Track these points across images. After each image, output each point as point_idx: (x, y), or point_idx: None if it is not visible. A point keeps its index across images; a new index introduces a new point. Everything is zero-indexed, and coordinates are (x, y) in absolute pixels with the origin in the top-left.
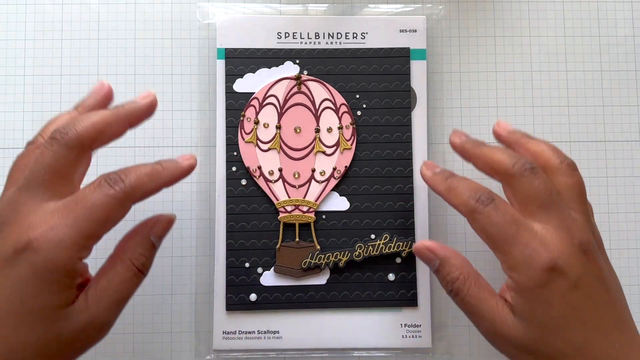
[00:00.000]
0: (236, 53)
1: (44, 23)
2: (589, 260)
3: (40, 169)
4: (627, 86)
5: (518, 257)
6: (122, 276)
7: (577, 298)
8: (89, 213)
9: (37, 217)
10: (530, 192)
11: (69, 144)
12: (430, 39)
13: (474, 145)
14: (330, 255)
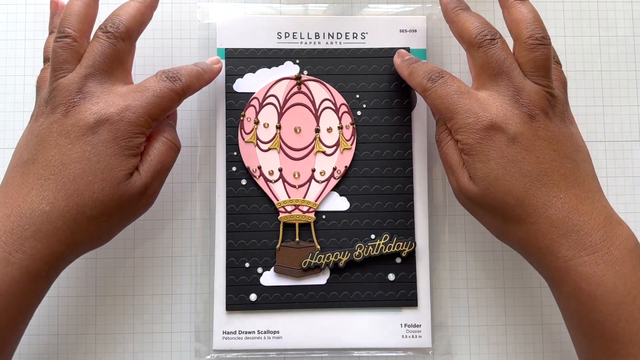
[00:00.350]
0: (236, 53)
1: (44, 23)
2: (534, 122)
3: (103, 59)
4: (627, 86)
5: (460, 121)
6: (160, 150)
7: (516, 152)
8: (157, 100)
9: (112, 97)
10: (484, 61)
11: (123, 36)
12: (430, 39)
13: (454, 8)
14: (330, 255)
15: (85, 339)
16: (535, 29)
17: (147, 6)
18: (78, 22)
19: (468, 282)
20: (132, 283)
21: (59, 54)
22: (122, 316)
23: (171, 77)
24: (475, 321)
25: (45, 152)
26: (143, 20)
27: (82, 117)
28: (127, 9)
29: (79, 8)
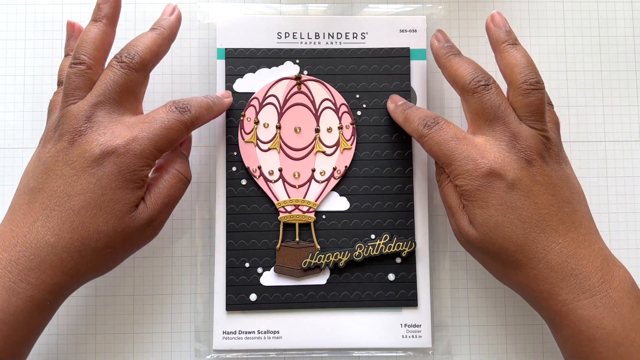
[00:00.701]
0: (236, 53)
1: (44, 23)
2: (531, 167)
3: (115, 88)
4: (627, 86)
5: (459, 168)
6: (169, 182)
7: (515, 198)
8: (164, 132)
9: (119, 128)
10: (479, 107)
11: (137, 67)
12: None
13: (446, 53)
14: (330, 255)
15: (85, 339)
16: (529, 74)
17: (164, 38)
18: (93, 50)
19: (468, 282)
20: (132, 283)
21: (72, 80)
22: (122, 316)
23: (180, 108)
24: (475, 321)
25: (51, 182)
26: (159, 52)
27: (88, 148)
28: (144, 40)
29: (96, 35)
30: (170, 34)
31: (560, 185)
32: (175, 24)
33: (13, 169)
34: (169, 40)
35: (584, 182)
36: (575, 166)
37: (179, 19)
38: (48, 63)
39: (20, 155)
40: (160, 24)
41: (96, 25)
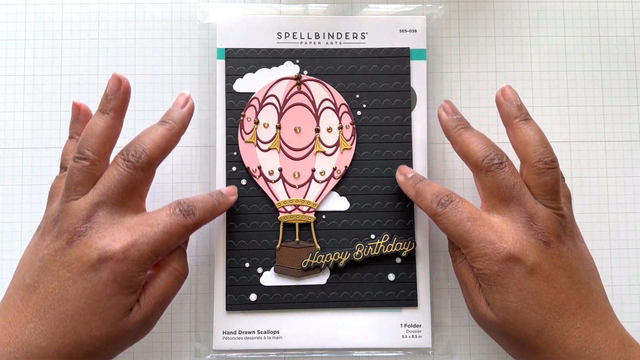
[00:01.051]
0: (236, 53)
1: (44, 23)
2: (549, 249)
3: (118, 188)
4: (627, 86)
5: (476, 250)
6: (165, 281)
7: (535, 283)
8: (165, 237)
9: (119, 231)
10: (493, 186)
11: (143, 166)
12: (430, 39)
13: (456, 127)
14: (330, 255)
15: None
16: (544, 152)
17: (174, 133)
18: (98, 145)
19: None
20: None
21: (74, 175)
22: None
23: (185, 211)
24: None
25: (47, 282)
26: (168, 148)
27: (87, 252)
28: (152, 136)
29: (101, 130)
30: (181, 127)
31: (577, 266)
32: (187, 117)
33: (13, 169)
34: (179, 135)
35: (584, 182)
36: (575, 166)
37: (191, 112)
38: (48, 63)
39: (20, 155)
40: (171, 116)
41: (103, 118)
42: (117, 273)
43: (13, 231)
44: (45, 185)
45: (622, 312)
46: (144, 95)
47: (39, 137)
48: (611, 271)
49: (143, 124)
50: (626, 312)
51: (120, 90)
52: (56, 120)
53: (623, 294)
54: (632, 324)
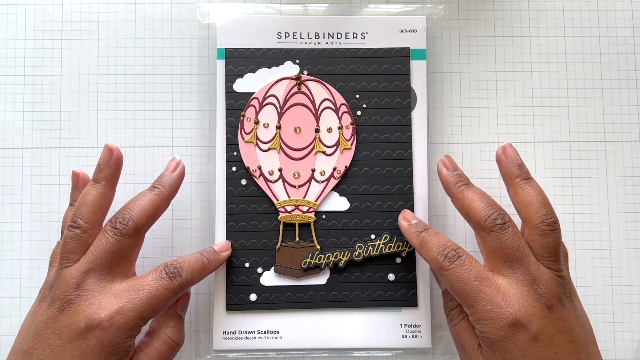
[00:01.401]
0: (236, 53)
1: (44, 23)
2: (552, 313)
3: (106, 256)
4: (627, 86)
5: (481, 312)
6: (158, 349)
7: (538, 350)
8: (150, 302)
9: (106, 299)
10: (497, 246)
11: (130, 232)
12: (430, 39)
13: (456, 183)
14: (330, 255)
15: None
16: (547, 214)
17: (163, 198)
18: (90, 213)
19: None
20: None
21: (67, 243)
22: None
23: (171, 273)
24: None
25: (40, 349)
26: (156, 214)
27: (75, 320)
28: (140, 202)
29: (93, 199)
30: (170, 192)
31: (577, 330)
32: (177, 181)
33: (13, 169)
34: (168, 200)
35: (584, 182)
36: (575, 166)
37: (181, 176)
38: (48, 63)
39: (20, 155)
40: (161, 182)
41: (95, 188)
42: (104, 341)
43: (13, 231)
44: (45, 185)
45: (622, 312)
46: (144, 95)
47: (39, 137)
48: (611, 271)
49: (143, 124)
50: (626, 312)
51: (112, 160)
52: (56, 120)
53: (623, 294)
54: (632, 324)
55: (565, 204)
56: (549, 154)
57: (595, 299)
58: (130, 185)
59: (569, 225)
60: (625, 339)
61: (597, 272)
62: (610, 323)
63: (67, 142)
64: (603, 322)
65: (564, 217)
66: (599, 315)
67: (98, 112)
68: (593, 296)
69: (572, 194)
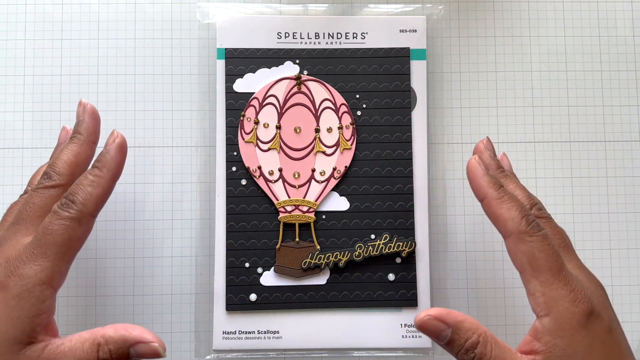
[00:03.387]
0: (236, 53)
1: (44, 23)
2: (610, 305)
3: (28, 209)
4: (627, 86)
5: (561, 292)
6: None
7: (612, 343)
8: (52, 240)
9: (15, 251)
10: (551, 234)
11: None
12: (430, 39)
13: (494, 185)
14: (330, 255)
15: None
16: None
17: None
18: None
19: (468, 282)
20: (132, 283)
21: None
22: (122, 316)
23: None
24: None
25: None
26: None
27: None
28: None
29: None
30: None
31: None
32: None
33: (13, 169)
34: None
35: (584, 182)
36: (575, 166)
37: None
38: (48, 63)
39: (20, 155)
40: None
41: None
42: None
43: None
44: None
45: (622, 312)
46: (144, 95)
47: (39, 137)
48: (611, 271)
49: (143, 124)
50: (626, 312)
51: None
52: (56, 120)
53: (623, 294)
54: (632, 323)
55: (565, 204)
56: (549, 154)
57: None
58: (130, 185)
59: (569, 225)
60: None
61: (597, 272)
62: None
63: None
64: None
65: (564, 217)
66: None
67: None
68: None
69: (572, 194)
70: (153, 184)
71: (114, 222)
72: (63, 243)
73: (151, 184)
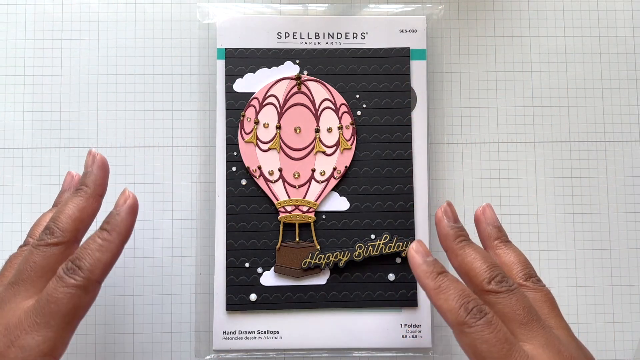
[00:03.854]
0: (236, 53)
1: (44, 23)
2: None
3: (27, 269)
4: (627, 86)
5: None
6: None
7: None
8: (57, 309)
9: (16, 317)
10: (509, 309)
11: (57, 241)
12: (430, 39)
13: (457, 237)
14: (330, 255)
15: (85, 339)
16: (531, 272)
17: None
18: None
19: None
20: (132, 283)
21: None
22: (122, 316)
23: (68, 270)
24: None
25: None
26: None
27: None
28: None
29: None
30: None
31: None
32: (101, 177)
33: (13, 169)
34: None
35: (584, 182)
36: (575, 166)
37: (104, 170)
38: (48, 63)
39: (20, 155)
40: (84, 182)
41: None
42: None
43: (13, 231)
44: (45, 185)
45: (622, 312)
46: (144, 95)
47: (39, 137)
48: (611, 271)
49: (143, 124)
50: (626, 312)
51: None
52: (56, 120)
53: (623, 294)
54: (632, 324)
55: (565, 204)
56: (549, 154)
57: (595, 299)
58: (130, 186)
59: (569, 226)
60: (625, 339)
61: (597, 272)
62: (610, 323)
63: (67, 142)
64: (603, 322)
65: (564, 217)
66: (599, 315)
67: (98, 112)
68: (593, 296)
69: (572, 194)
70: (153, 184)
71: None
72: (68, 313)
73: (151, 184)
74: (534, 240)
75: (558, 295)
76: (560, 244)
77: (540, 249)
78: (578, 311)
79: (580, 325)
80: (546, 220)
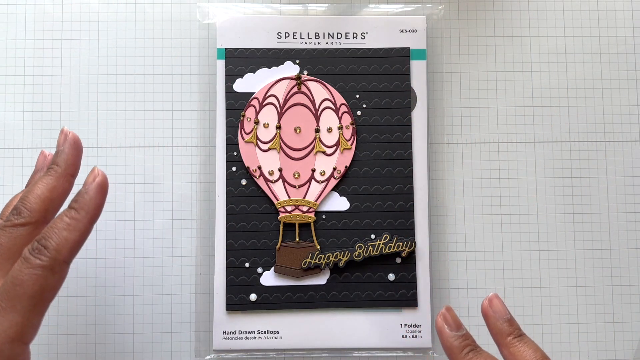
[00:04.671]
0: (236, 53)
1: (44, 23)
2: None
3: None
4: (627, 86)
5: None
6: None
7: None
8: (22, 291)
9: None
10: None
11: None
12: (430, 39)
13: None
14: (330, 255)
15: (85, 339)
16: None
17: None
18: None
19: (468, 282)
20: (132, 283)
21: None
22: (122, 316)
23: (34, 250)
24: (475, 321)
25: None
26: (56, 197)
27: None
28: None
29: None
30: (66, 169)
31: None
32: (73, 154)
33: (13, 169)
34: (66, 179)
35: (584, 182)
36: (575, 166)
37: (76, 147)
38: (48, 63)
39: (20, 155)
40: (55, 161)
41: (45, 175)
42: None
43: None
44: None
45: (622, 312)
46: (144, 95)
47: (39, 137)
48: (611, 271)
49: (143, 124)
50: (626, 312)
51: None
52: (56, 120)
53: (623, 294)
54: (632, 324)
55: (565, 204)
56: (549, 154)
57: (595, 299)
58: (130, 185)
59: (569, 226)
60: (625, 339)
61: (597, 272)
62: (610, 323)
63: None
64: (603, 322)
65: (564, 217)
66: (599, 315)
67: (98, 112)
68: (593, 296)
69: (572, 194)
70: (153, 183)
71: (114, 222)
72: (34, 295)
73: (151, 183)
74: (534, 240)
75: (558, 295)
76: (560, 244)
77: (540, 249)
78: (578, 311)
79: (580, 325)
80: (546, 220)
